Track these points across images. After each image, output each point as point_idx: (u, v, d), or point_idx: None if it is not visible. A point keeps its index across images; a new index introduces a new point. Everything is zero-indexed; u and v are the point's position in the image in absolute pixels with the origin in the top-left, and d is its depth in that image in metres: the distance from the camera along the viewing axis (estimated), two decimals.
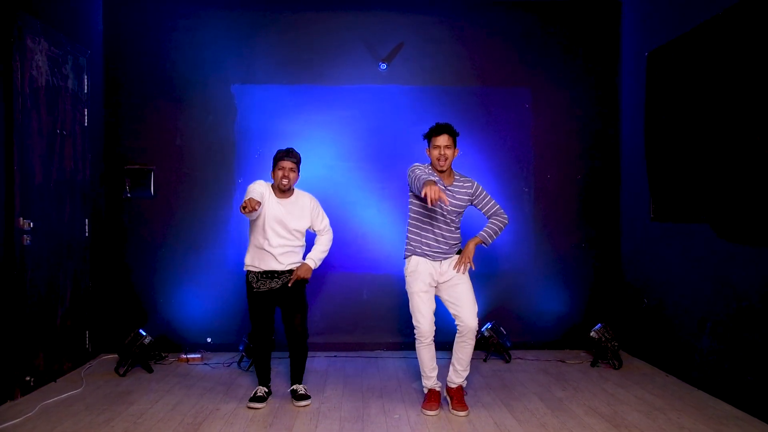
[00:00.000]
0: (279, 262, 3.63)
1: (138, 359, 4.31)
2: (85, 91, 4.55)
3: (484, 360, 4.65)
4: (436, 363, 3.60)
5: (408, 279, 3.56)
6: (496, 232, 3.58)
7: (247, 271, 3.69)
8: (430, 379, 3.59)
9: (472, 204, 3.62)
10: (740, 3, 3.47)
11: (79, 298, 4.44)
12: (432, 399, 3.58)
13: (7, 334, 3.63)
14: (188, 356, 4.62)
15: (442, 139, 3.45)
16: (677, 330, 4.20)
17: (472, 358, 4.65)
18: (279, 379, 4.10)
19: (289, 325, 3.69)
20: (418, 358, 3.60)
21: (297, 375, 3.78)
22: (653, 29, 4.53)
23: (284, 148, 3.73)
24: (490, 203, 3.61)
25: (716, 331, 3.78)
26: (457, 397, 3.54)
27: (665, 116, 4.26)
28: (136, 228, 4.88)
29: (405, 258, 3.62)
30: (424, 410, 3.54)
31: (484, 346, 4.70)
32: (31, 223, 3.81)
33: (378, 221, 4.96)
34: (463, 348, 3.50)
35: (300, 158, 3.74)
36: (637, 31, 4.81)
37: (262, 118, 4.93)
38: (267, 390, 3.74)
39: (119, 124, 4.88)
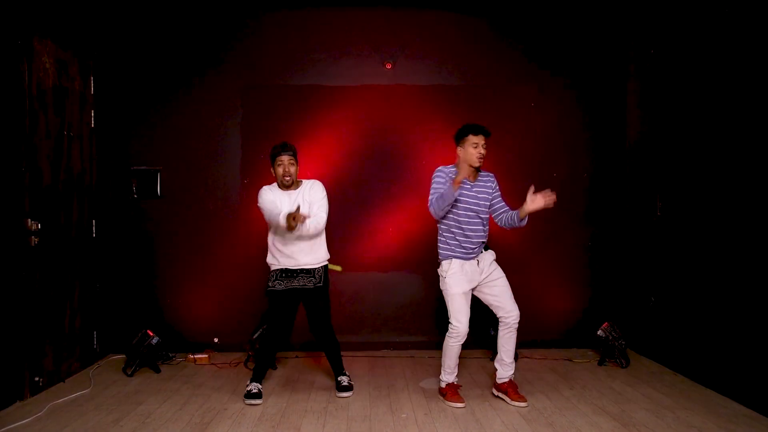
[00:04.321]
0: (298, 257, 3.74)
1: (146, 359, 4.33)
2: (92, 92, 4.57)
3: (491, 359, 4.63)
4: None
5: (448, 281, 3.61)
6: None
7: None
8: (453, 375, 3.74)
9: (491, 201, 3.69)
10: None
11: (86, 298, 4.46)
12: (457, 392, 3.72)
13: (16, 335, 3.66)
14: (195, 356, 4.63)
15: (481, 138, 3.61)
16: (685, 328, 4.18)
17: (477, 357, 4.65)
18: (278, 379, 4.12)
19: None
20: (446, 355, 3.68)
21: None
22: (660, 26, 4.51)
23: (278, 143, 3.72)
24: (500, 203, 3.72)
25: (724, 328, 3.76)
26: (513, 389, 3.69)
27: (672, 113, 4.24)
28: (143, 229, 4.89)
29: (440, 260, 3.69)
30: (452, 403, 3.63)
31: (490, 345, 4.69)
32: (39, 225, 3.83)
33: (384, 221, 4.96)
34: (510, 339, 3.68)
35: (296, 149, 3.75)
36: (644, 27, 4.79)
37: (267, 118, 4.93)
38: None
39: (126, 126, 4.89)
